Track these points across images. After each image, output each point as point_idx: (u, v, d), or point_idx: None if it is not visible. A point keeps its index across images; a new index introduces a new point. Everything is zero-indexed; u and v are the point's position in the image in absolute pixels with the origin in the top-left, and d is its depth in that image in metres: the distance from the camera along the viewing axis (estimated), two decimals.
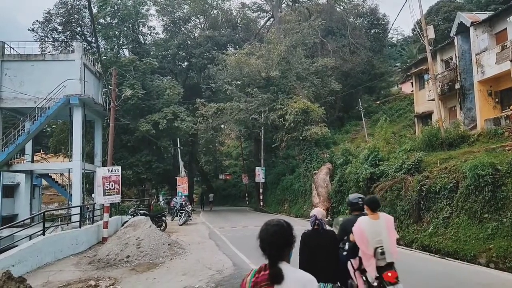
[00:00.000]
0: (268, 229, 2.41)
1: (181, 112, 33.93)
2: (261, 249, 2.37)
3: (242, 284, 2.43)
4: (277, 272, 2.27)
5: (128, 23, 37.98)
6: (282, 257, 2.34)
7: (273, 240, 2.34)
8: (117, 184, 17.13)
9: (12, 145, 24.32)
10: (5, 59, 25.34)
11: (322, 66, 30.93)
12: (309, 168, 26.19)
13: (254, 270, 2.43)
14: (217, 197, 44.37)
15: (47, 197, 44.85)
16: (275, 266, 2.30)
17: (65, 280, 10.63)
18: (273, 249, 2.33)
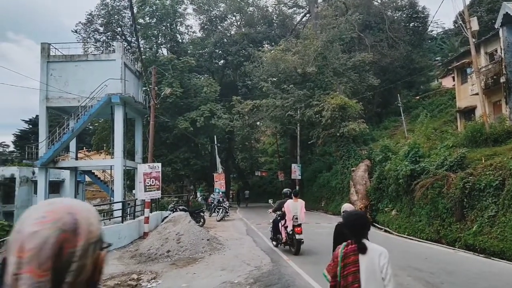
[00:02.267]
0: (354, 217, 3.64)
1: (218, 109, 34.30)
2: (348, 231, 3.50)
3: (335, 253, 3.49)
4: (363, 245, 3.36)
5: (166, 22, 38.69)
6: (364, 236, 3.44)
7: (358, 224, 3.48)
8: (158, 180, 17.51)
9: (57, 143, 25.32)
10: (51, 60, 26.33)
11: (360, 61, 30.39)
12: (346, 165, 25.84)
13: (344, 244, 3.48)
14: (253, 194, 44.57)
15: (90, 193, 46.50)
16: (360, 242, 3.37)
17: (109, 274, 10.98)
18: (359, 229, 3.44)
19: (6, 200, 35.90)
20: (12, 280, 0.88)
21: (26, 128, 58.77)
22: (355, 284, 3.31)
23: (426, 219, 15.16)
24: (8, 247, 0.93)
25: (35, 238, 0.90)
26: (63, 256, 0.92)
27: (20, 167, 37.26)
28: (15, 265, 0.89)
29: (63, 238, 0.92)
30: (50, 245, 0.90)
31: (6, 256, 0.93)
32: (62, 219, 0.94)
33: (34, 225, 0.93)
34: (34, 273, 0.87)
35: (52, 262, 0.90)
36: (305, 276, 9.35)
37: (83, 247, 0.95)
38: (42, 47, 26.27)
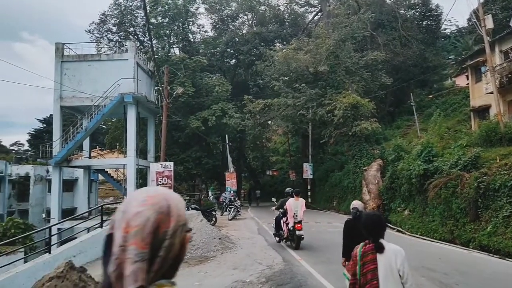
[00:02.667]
0: (371, 218, 3.83)
1: (229, 108, 34.38)
2: (366, 231, 3.68)
3: (354, 253, 3.71)
4: (380, 244, 3.56)
5: (178, 22, 38.88)
6: (381, 235, 3.64)
7: (375, 224, 3.68)
8: (170, 179, 17.67)
9: (71, 142, 25.64)
10: (65, 59, 26.67)
11: (372, 60, 30.17)
12: (358, 164, 25.70)
13: (362, 244, 3.67)
14: (264, 193, 44.56)
15: (103, 191, 47.01)
16: (377, 241, 3.58)
17: None
18: (377, 230, 3.65)
19: (21, 198, 36.49)
20: (119, 250, 1.06)
21: (40, 127, 59.61)
22: (374, 281, 3.53)
23: (439, 219, 15.03)
24: (114, 224, 1.13)
25: (139, 217, 1.09)
26: (159, 234, 1.10)
27: (35, 166, 37.84)
28: (122, 238, 1.07)
29: (160, 219, 1.11)
30: (150, 223, 1.08)
31: (111, 232, 1.12)
32: (159, 203, 1.13)
33: (138, 206, 1.11)
34: (138, 245, 1.06)
35: (151, 238, 1.08)
36: (317, 275, 9.34)
37: (174, 228, 1.13)
38: (56, 47, 26.61)
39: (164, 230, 1.11)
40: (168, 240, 1.12)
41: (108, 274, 1.08)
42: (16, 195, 36.59)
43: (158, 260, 1.09)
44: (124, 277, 1.04)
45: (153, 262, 1.09)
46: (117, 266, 1.06)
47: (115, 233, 1.10)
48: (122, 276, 1.05)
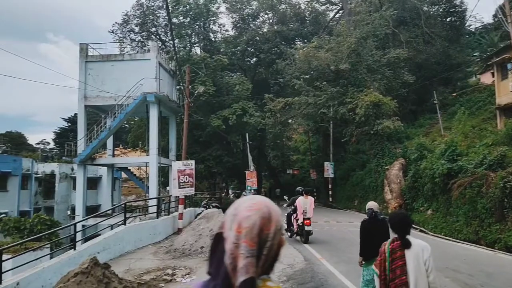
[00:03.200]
0: (398, 217, 4.13)
1: (250, 107, 34.44)
2: (393, 229, 3.96)
3: (382, 249, 3.97)
4: (407, 241, 3.81)
5: (200, 21, 39.14)
6: (408, 232, 3.90)
7: (402, 223, 3.95)
8: (191, 177, 17.79)
9: (95, 141, 26.10)
10: (89, 59, 27.13)
11: (394, 58, 29.77)
12: (380, 163, 25.43)
13: (389, 240, 3.95)
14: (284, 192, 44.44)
15: (126, 189, 47.75)
16: (405, 238, 3.83)
17: (145, 268, 11.28)
18: (403, 227, 3.90)
19: (47, 195, 37.35)
20: (233, 247, 1.28)
21: (65, 126, 60.94)
22: (403, 276, 3.76)
23: (464, 219, 14.75)
24: (224, 225, 1.36)
25: (248, 220, 1.31)
26: (263, 235, 1.31)
27: (60, 164, 38.68)
28: (235, 237, 1.29)
29: (263, 223, 1.32)
30: (257, 226, 1.31)
31: (221, 231, 1.36)
32: (262, 209, 1.35)
33: (246, 211, 1.33)
34: (248, 243, 1.28)
35: (257, 238, 1.30)
36: (338, 275, 9.31)
37: (274, 231, 1.34)
38: (80, 48, 27.11)
39: (267, 233, 1.32)
40: (270, 241, 1.33)
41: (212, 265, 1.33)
42: (42, 192, 37.47)
43: (263, 258, 1.31)
44: (237, 269, 1.26)
45: (259, 259, 1.30)
46: (232, 259, 1.27)
47: (227, 233, 1.33)
48: (236, 269, 1.26)
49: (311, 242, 13.91)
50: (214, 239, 1.37)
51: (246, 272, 1.25)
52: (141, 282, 9.50)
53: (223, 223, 1.38)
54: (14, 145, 57.61)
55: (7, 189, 31.00)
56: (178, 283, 9.61)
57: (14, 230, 22.88)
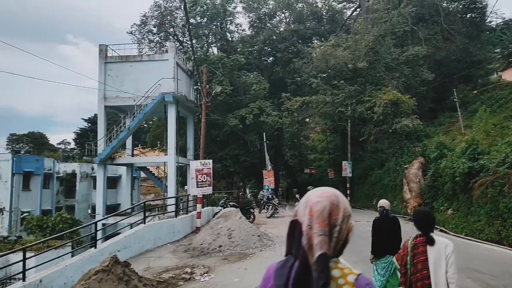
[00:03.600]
0: (422, 214, 4.29)
1: (267, 106, 34.44)
2: (417, 226, 4.10)
3: (405, 244, 4.15)
4: (431, 238, 3.96)
5: (217, 21, 39.35)
6: (432, 230, 4.06)
7: (426, 219, 4.12)
8: (209, 176, 17.88)
9: (115, 141, 26.47)
10: (108, 60, 27.50)
11: (413, 55, 29.39)
12: (399, 162, 25.16)
13: (412, 237, 4.11)
14: (302, 192, 44.37)
15: (145, 188, 48.27)
16: (428, 235, 3.98)
17: (164, 266, 11.41)
18: (427, 224, 4.07)
19: (68, 194, 38.06)
20: (308, 228, 1.50)
21: (85, 126, 61.93)
22: (424, 271, 3.93)
23: (485, 219, 14.48)
24: (297, 213, 1.59)
25: (319, 204, 1.54)
26: (332, 219, 1.52)
27: (81, 164, 39.37)
28: (308, 220, 1.52)
29: (332, 208, 1.54)
30: (327, 210, 1.52)
31: (295, 218, 1.58)
32: (331, 197, 1.57)
33: (317, 197, 1.57)
34: (320, 224, 1.50)
35: (328, 220, 1.51)
36: None
37: (342, 217, 1.55)
38: (100, 49, 27.50)
39: (335, 217, 1.53)
40: (339, 225, 1.53)
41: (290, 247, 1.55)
42: (64, 191, 38.19)
43: (334, 240, 1.52)
44: (313, 246, 1.48)
45: (330, 240, 1.51)
46: (308, 239, 1.50)
47: (301, 218, 1.55)
48: (312, 246, 1.49)
49: None
50: (290, 226, 1.58)
51: (320, 248, 1.48)
52: (160, 280, 9.61)
53: (296, 211, 1.61)
54: (36, 145, 58.84)
55: (30, 188, 31.69)
56: (196, 282, 9.68)
57: (37, 229, 23.43)
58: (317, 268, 1.45)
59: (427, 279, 3.92)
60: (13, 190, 29.86)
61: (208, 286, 9.18)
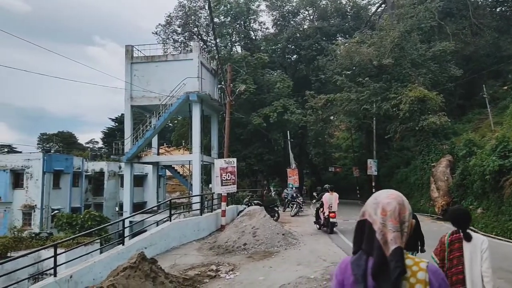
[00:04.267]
0: (460, 211, 4.44)
1: (290, 104, 34.32)
2: (455, 223, 4.27)
3: (442, 240, 4.32)
4: (468, 234, 4.11)
5: (240, 20, 39.43)
6: (468, 227, 4.22)
7: (464, 217, 4.27)
8: (233, 175, 17.97)
9: (141, 139, 26.93)
10: (134, 61, 27.98)
11: (440, 51, 28.78)
12: (426, 160, 24.70)
13: (448, 233, 4.30)
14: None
15: (170, 186, 48.84)
16: (465, 231, 4.14)
17: (190, 264, 11.54)
18: (464, 221, 4.22)
19: (96, 192, 38.96)
20: (381, 226, 1.73)
21: (112, 126, 63.14)
22: (459, 266, 4.12)
23: None
24: (365, 213, 1.82)
25: (390, 205, 1.76)
26: (401, 217, 1.75)
27: (108, 162, 40.21)
28: (381, 219, 1.75)
29: (400, 207, 1.77)
30: (397, 209, 1.76)
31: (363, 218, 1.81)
32: (398, 198, 1.81)
33: (386, 198, 1.79)
34: (393, 222, 1.73)
35: (399, 218, 1.74)
36: None
37: (408, 214, 1.79)
38: (126, 49, 27.99)
39: (403, 215, 1.76)
40: (407, 222, 1.77)
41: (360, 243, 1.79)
42: (92, 189, 39.11)
43: (404, 235, 1.75)
44: (387, 241, 1.71)
45: (402, 235, 1.74)
46: (382, 235, 1.72)
47: (373, 218, 1.77)
48: (386, 242, 1.71)
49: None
50: (358, 225, 1.83)
51: (395, 242, 1.70)
52: (186, 278, 9.73)
53: (364, 212, 1.83)
54: (66, 144, 60.39)
55: (59, 187, 32.59)
56: (222, 279, 9.76)
57: (67, 226, 24.06)
58: (393, 259, 1.67)
59: (461, 274, 4.12)
60: (44, 188, 30.78)
61: (234, 284, 9.24)
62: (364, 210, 1.83)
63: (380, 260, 1.68)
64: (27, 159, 31.60)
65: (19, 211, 30.74)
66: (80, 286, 9.32)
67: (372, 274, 1.68)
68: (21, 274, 12.03)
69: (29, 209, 30.59)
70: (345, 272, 1.82)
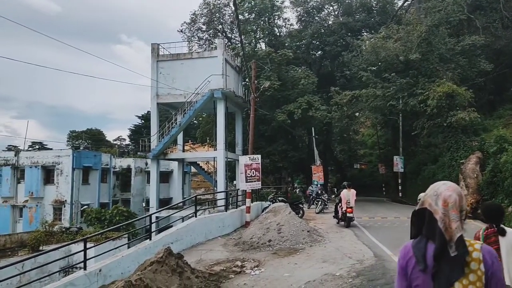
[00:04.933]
0: (494, 206, 4.79)
1: (315, 101, 34.08)
2: (489, 218, 4.46)
3: (477, 235, 4.39)
4: (503, 228, 4.30)
5: (264, 17, 39.35)
6: (501, 222, 4.43)
7: (497, 212, 4.51)
8: (258, 171, 18.01)
9: (167, 136, 27.31)
10: (160, 59, 28.36)
11: (470, 45, 28.04)
12: (455, 157, 24.16)
13: (483, 228, 4.42)
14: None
15: (195, 183, 49.40)
16: (499, 226, 4.31)
17: (215, 259, 11.66)
18: (498, 216, 4.43)
19: (124, 188, 39.71)
20: (443, 216, 1.97)
21: (139, 123, 64.15)
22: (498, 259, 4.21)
23: None
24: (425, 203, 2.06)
25: (452, 197, 2.00)
26: (461, 206, 2.00)
27: (135, 159, 40.92)
28: (443, 209, 1.98)
29: (459, 198, 2.01)
30: (457, 200, 2.00)
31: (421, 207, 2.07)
32: (456, 189, 2.05)
33: (447, 191, 2.02)
34: (455, 212, 1.97)
35: (459, 208, 1.99)
36: None
37: (464, 204, 2.04)
38: (152, 48, 28.39)
39: (461, 204, 2.01)
40: (464, 210, 2.02)
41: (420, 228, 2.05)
42: (120, 185, 39.88)
43: (463, 221, 2.00)
44: (450, 229, 1.95)
45: (462, 223, 1.98)
46: (444, 224, 1.96)
47: (433, 207, 2.01)
48: (447, 229, 1.95)
49: (382, 238, 13.61)
50: (418, 213, 2.08)
51: (459, 230, 1.95)
52: (212, 273, 9.84)
53: (423, 201, 2.09)
54: (94, 141, 61.83)
55: (88, 182, 33.37)
56: (247, 275, 9.83)
57: (96, 221, 24.67)
58: (460, 244, 1.93)
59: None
60: (73, 184, 31.57)
61: (259, 280, 9.29)
62: (423, 200, 2.08)
63: (442, 244, 1.93)
64: (57, 156, 32.46)
65: (50, 206, 31.65)
66: (109, 280, 9.54)
67: (434, 256, 1.94)
68: (53, 267, 12.44)
69: (60, 204, 31.47)
70: (407, 255, 2.07)
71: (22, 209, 32.30)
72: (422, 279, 1.98)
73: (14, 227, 31.63)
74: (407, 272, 2.05)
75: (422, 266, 1.96)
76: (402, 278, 2.09)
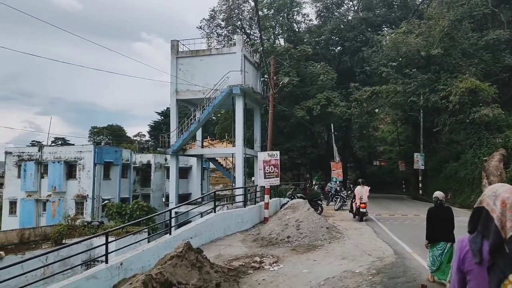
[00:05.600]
0: None
1: (334, 97, 33.82)
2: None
3: None
4: None
5: (283, 12, 39.20)
6: None
7: None
8: (276, 167, 18.00)
9: (186, 133, 27.51)
10: (179, 55, 28.55)
11: (494, 40, 27.41)
12: (477, 154, 23.71)
13: None
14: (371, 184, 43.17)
15: (214, 179, 49.70)
16: None
17: (234, 255, 11.71)
18: None
19: (144, 183, 40.24)
20: (500, 215, 2.08)
21: (158, 119, 64.86)
22: None
23: None
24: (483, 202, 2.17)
25: (510, 198, 2.09)
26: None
27: (155, 155, 41.40)
28: (500, 209, 2.08)
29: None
30: None
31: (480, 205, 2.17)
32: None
33: (506, 192, 2.12)
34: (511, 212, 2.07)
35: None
36: None
37: None
38: (172, 44, 28.59)
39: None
40: None
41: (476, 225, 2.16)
42: (140, 181, 40.41)
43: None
44: (505, 227, 2.05)
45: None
46: (500, 222, 2.06)
47: (491, 207, 2.12)
48: (503, 227, 2.05)
49: (401, 236, 13.46)
50: (476, 210, 2.20)
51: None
52: (231, 268, 9.89)
53: (481, 200, 2.19)
54: (115, 137, 62.76)
55: (109, 178, 33.91)
56: (266, 271, 9.84)
57: (117, 215, 25.09)
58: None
59: None
60: (95, 179, 32.13)
61: (278, 276, 9.29)
62: (481, 199, 2.20)
63: (497, 241, 2.05)
64: (79, 151, 33.07)
65: (72, 201, 32.29)
66: (130, 273, 9.65)
67: (490, 252, 2.05)
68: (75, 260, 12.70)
69: (82, 199, 32.08)
70: (464, 248, 2.20)
71: (46, 203, 33.01)
72: (477, 271, 2.11)
73: (38, 221, 32.38)
74: (464, 263, 2.19)
75: (478, 259, 2.10)
76: (458, 269, 2.23)
